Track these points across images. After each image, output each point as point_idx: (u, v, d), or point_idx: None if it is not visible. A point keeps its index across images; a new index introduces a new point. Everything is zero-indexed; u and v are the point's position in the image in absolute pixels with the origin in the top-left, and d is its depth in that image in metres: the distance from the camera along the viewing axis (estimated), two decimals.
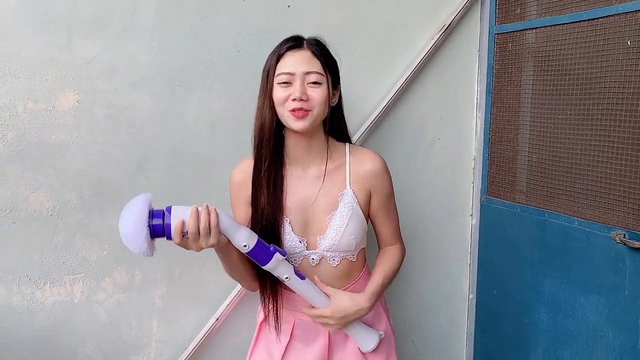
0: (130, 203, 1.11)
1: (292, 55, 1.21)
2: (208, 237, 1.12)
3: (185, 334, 1.65)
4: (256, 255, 1.18)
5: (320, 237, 1.28)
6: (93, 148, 1.49)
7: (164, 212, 1.11)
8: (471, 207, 1.97)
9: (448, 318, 2.02)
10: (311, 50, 1.22)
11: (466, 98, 1.91)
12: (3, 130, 1.41)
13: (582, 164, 1.55)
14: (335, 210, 1.28)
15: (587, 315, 1.55)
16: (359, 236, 1.30)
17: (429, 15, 1.80)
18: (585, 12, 1.51)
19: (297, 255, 1.28)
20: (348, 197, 1.28)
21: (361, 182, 1.30)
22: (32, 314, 1.50)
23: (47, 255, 1.49)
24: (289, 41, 1.24)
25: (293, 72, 1.20)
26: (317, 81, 1.21)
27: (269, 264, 1.19)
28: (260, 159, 1.26)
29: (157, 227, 1.10)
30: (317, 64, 1.21)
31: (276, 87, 1.22)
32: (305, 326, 1.33)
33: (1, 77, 1.39)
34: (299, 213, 1.28)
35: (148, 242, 1.09)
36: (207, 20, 1.56)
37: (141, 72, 1.51)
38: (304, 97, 1.19)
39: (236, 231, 1.16)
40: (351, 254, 1.31)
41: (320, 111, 1.22)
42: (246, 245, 1.16)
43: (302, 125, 1.20)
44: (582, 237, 1.54)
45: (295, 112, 1.19)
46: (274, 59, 1.23)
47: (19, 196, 1.44)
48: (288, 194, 1.28)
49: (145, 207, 1.10)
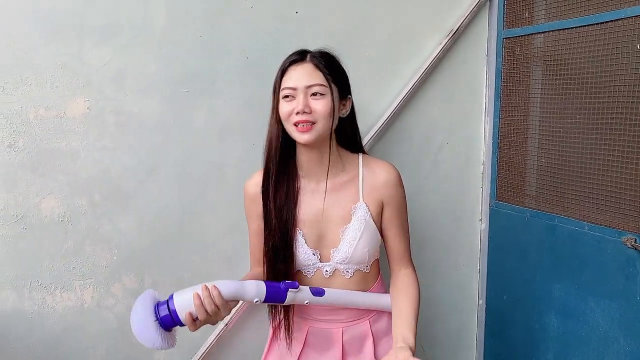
0: (134, 306, 1.12)
1: (294, 69, 1.23)
2: (219, 313, 1.13)
3: (194, 339, 1.65)
4: (271, 300, 1.19)
5: (333, 249, 1.28)
6: (103, 154, 1.50)
7: (168, 302, 1.11)
8: (480, 212, 1.97)
9: (457, 324, 2.01)
10: (313, 63, 1.23)
11: (474, 103, 1.90)
12: (15, 137, 1.42)
13: (593, 168, 1.54)
14: (348, 224, 1.27)
15: (598, 320, 1.53)
16: (372, 249, 1.29)
17: (437, 20, 1.80)
18: (594, 15, 1.50)
19: (310, 267, 1.29)
20: (361, 211, 1.27)
21: (374, 194, 1.29)
22: (42, 319, 1.51)
23: (58, 260, 1.50)
24: (293, 56, 1.25)
25: (295, 87, 1.21)
26: (320, 92, 1.21)
27: (286, 301, 1.20)
28: (268, 173, 1.27)
29: (166, 318, 1.10)
30: (320, 76, 1.21)
31: (281, 102, 1.23)
32: (319, 333, 1.33)
33: (13, 84, 1.41)
34: (312, 226, 1.28)
35: (162, 337, 1.09)
36: (215, 27, 1.57)
37: (150, 79, 1.52)
38: (307, 109, 1.19)
39: (243, 291, 1.16)
40: (364, 266, 1.31)
41: (325, 123, 1.21)
42: (258, 300, 1.17)
43: (306, 138, 1.20)
44: (593, 242, 1.53)
45: (298, 126, 1.20)
46: (278, 75, 1.25)
47: (30, 202, 1.45)
48: (301, 207, 1.28)
49: (149, 304, 1.11)
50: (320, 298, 1.24)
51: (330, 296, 1.25)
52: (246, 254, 1.44)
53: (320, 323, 1.32)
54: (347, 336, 1.33)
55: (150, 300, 1.12)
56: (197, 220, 1.61)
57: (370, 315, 1.35)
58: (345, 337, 1.32)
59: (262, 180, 1.28)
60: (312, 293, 1.23)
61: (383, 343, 1.36)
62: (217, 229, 1.64)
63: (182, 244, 1.61)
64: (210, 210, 1.63)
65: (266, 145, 1.28)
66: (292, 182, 1.28)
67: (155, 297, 1.14)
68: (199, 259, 1.63)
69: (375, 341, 1.34)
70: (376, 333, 1.35)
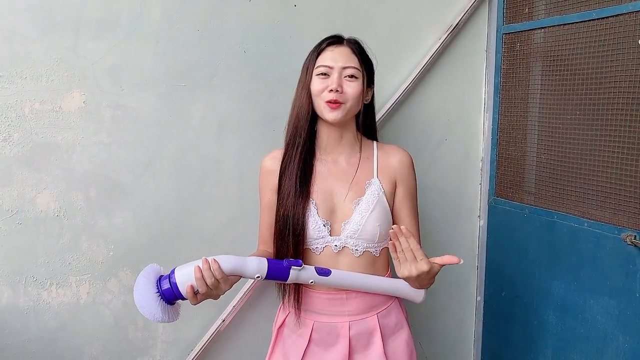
0: (137, 279, 1.14)
1: (332, 50, 1.29)
2: (219, 288, 1.15)
3: (191, 335, 1.64)
4: (273, 277, 1.19)
5: (344, 222, 1.29)
6: (99, 149, 1.49)
7: (170, 276, 1.13)
8: (479, 208, 1.96)
9: (456, 320, 2.01)
10: (350, 47, 1.30)
11: (473, 98, 1.89)
12: (10, 131, 1.41)
13: (592, 164, 1.53)
14: (361, 197, 1.30)
15: (597, 318, 1.53)
16: (383, 226, 1.30)
17: (436, 15, 1.79)
18: (595, 11, 1.49)
19: (319, 241, 1.28)
20: (375, 186, 1.31)
21: (388, 172, 1.35)
22: (38, 315, 1.50)
23: (53, 256, 1.49)
24: (330, 38, 1.31)
25: (332, 66, 1.27)
26: (354, 75, 1.27)
27: (289, 279, 1.20)
28: (292, 146, 1.31)
29: (168, 292, 1.11)
30: (355, 60, 1.28)
31: (314, 78, 1.28)
32: (324, 329, 1.32)
33: (8, 78, 1.39)
34: (325, 199, 1.31)
35: (164, 310, 1.11)
36: (213, 21, 1.55)
37: (147, 73, 1.51)
38: (340, 89, 1.25)
39: (244, 267, 1.16)
40: (374, 246, 1.31)
41: (354, 104, 1.28)
42: (259, 276, 1.17)
43: (335, 115, 1.26)
44: (592, 238, 1.52)
45: (330, 103, 1.25)
46: (314, 54, 1.31)
47: (25, 197, 1.44)
48: (316, 180, 1.32)
49: (152, 277, 1.13)
50: (326, 278, 1.23)
51: (336, 276, 1.24)
52: (244, 247, 1.43)
53: (326, 317, 1.31)
54: (354, 331, 1.31)
55: (153, 274, 1.14)
56: (194, 216, 1.60)
57: (378, 310, 1.33)
58: (352, 332, 1.31)
59: (284, 152, 1.33)
60: (318, 272, 1.22)
61: (392, 339, 1.34)
62: (214, 224, 1.63)
63: (179, 240, 1.60)
64: (208, 205, 1.62)
65: (292, 119, 1.33)
66: (311, 156, 1.33)
67: (159, 271, 1.16)
68: (196, 254, 1.60)
69: (384, 337, 1.32)
70: (384, 328, 1.33)
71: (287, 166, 1.31)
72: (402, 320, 1.38)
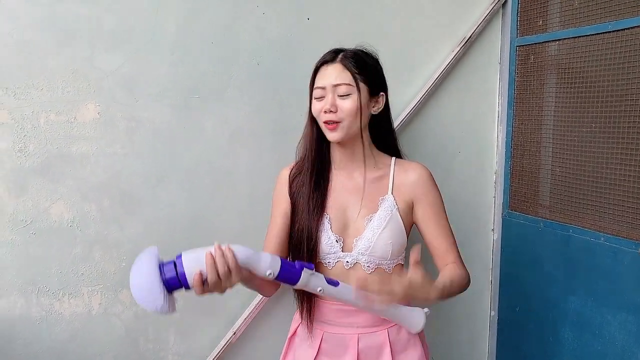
0: (136, 263, 1.04)
1: (324, 69, 1.28)
2: (230, 279, 1.06)
3: (202, 347, 1.63)
4: (284, 278, 1.13)
5: (356, 239, 1.28)
6: (113, 159, 1.50)
7: (175, 263, 1.03)
8: (493, 221, 1.94)
9: (469, 336, 1.98)
10: (342, 63, 1.27)
11: (487, 111, 1.88)
12: (25, 142, 1.42)
13: (608, 178, 1.51)
14: (374, 213, 1.29)
15: (614, 334, 1.50)
16: (396, 244, 1.28)
17: (450, 27, 1.79)
18: (610, 23, 1.48)
19: (332, 256, 1.28)
20: (388, 202, 1.30)
21: (403, 191, 1.32)
22: (50, 326, 1.50)
23: (66, 266, 1.49)
24: (326, 55, 1.31)
25: (324, 86, 1.26)
26: (346, 92, 1.25)
27: (299, 282, 1.14)
28: (305, 162, 1.34)
29: (172, 280, 1.01)
30: (347, 76, 1.25)
31: (314, 101, 1.30)
32: (333, 340, 1.31)
33: (24, 89, 1.41)
34: (339, 214, 1.30)
35: (165, 299, 1.00)
36: (226, 33, 1.56)
37: (161, 85, 1.52)
38: (333, 108, 1.24)
39: (258, 261, 1.09)
40: (387, 263, 1.29)
41: (352, 121, 1.26)
42: (271, 273, 1.10)
43: (334, 136, 1.26)
44: (609, 253, 1.49)
45: (327, 124, 1.26)
46: (312, 74, 1.31)
47: (39, 207, 1.45)
48: (331, 195, 1.32)
49: (154, 262, 1.02)
50: (334, 288, 1.18)
51: (342, 290, 1.19)
52: None
53: (335, 327, 1.30)
54: (363, 344, 1.29)
55: (155, 260, 1.02)
56: (206, 226, 1.60)
57: (389, 325, 1.31)
58: (361, 345, 1.29)
59: (298, 168, 1.35)
60: (327, 281, 1.17)
61: (403, 356, 1.31)
62: (226, 235, 1.62)
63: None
64: (219, 215, 1.62)
65: (302, 140, 1.36)
66: (325, 173, 1.34)
67: (158, 256, 1.05)
68: None
69: (394, 353, 1.30)
70: (395, 344, 1.31)
71: (301, 181, 1.32)
72: (414, 337, 1.35)
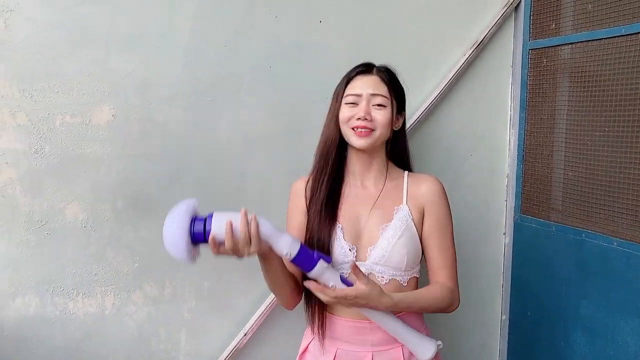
0: (174, 208, 1.13)
1: (360, 79, 1.30)
2: (248, 246, 1.12)
3: (213, 348, 1.64)
4: (300, 262, 1.16)
5: (371, 248, 1.27)
6: (127, 161, 1.52)
7: (206, 219, 1.12)
8: (504, 225, 1.93)
9: (480, 340, 1.97)
10: (379, 76, 1.31)
11: (499, 114, 1.88)
12: (41, 144, 1.44)
13: (622, 182, 1.50)
14: (389, 222, 1.28)
15: (627, 340, 1.49)
16: (411, 254, 1.28)
17: (462, 31, 1.79)
18: (624, 26, 1.47)
19: (345, 265, 1.26)
20: (403, 212, 1.30)
21: (417, 201, 1.32)
22: (64, 325, 1.52)
23: (80, 266, 1.51)
24: (360, 67, 1.33)
25: (360, 94, 1.28)
26: (382, 104, 1.28)
27: (313, 270, 1.16)
28: (320, 170, 1.33)
29: (198, 234, 1.11)
30: (384, 89, 1.29)
31: (343, 107, 1.30)
32: (347, 357, 1.29)
33: (41, 92, 1.43)
34: (352, 223, 1.30)
35: (188, 249, 1.10)
36: (239, 36, 1.58)
37: (175, 87, 1.54)
38: (368, 116, 1.26)
39: (278, 238, 1.14)
40: (401, 275, 1.28)
41: (383, 132, 1.28)
42: (288, 253, 1.14)
43: (363, 142, 1.27)
44: (622, 258, 1.48)
45: (357, 130, 1.26)
46: (343, 82, 1.32)
47: (54, 208, 1.47)
48: (344, 204, 1.32)
49: (188, 213, 1.11)
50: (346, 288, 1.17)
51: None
52: None
53: (349, 345, 1.28)
54: None
55: (188, 211, 1.12)
56: None
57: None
58: None
59: (313, 177, 1.35)
60: (342, 280, 1.18)
61: None
62: None
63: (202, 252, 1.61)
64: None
65: (321, 146, 1.35)
66: (340, 181, 1.34)
67: (196, 208, 1.14)
68: (220, 267, 1.63)
69: None
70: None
71: (315, 191, 1.32)
72: None
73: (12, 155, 1.43)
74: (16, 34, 1.40)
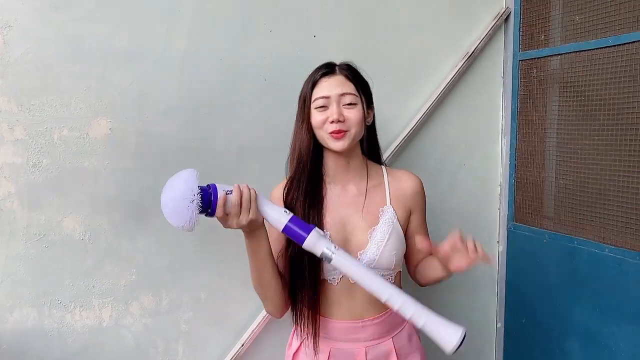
0: (176, 175, 1.16)
1: (326, 80, 1.28)
2: (247, 212, 1.15)
3: (210, 359, 1.65)
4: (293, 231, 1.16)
5: (360, 252, 1.28)
6: (124, 174, 1.53)
7: (209, 187, 1.15)
8: (498, 233, 1.95)
9: (475, 347, 1.98)
10: (343, 74, 1.29)
11: (491, 124, 1.91)
12: (39, 157, 1.46)
13: (612, 189, 1.53)
14: (376, 226, 1.29)
15: (620, 345, 1.50)
16: (399, 253, 1.30)
17: (453, 42, 1.82)
18: (611, 37, 1.50)
19: (336, 272, 1.28)
20: (389, 213, 1.31)
21: (401, 201, 1.34)
22: (62, 338, 1.52)
23: (78, 279, 1.52)
24: (322, 68, 1.30)
25: (328, 95, 1.26)
26: (352, 102, 1.27)
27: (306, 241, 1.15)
28: (297, 178, 1.31)
29: (204, 199, 1.13)
30: (351, 86, 1.28)
31: (314, 111, 1.28)
32: (342, 354, 1.31)
33: (39, 106, 1.44)
34: (338, 230, 1.29)
35: (192, 214, 1.12)
36: (235, 50, 1.60)
37: (171, 101, 1.55)
38: (341, 117, 1.25)
39: (272, 207, 1.18)
40: (390, 274, 1.30)
41: (357, 130, 1.27)
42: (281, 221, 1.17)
43: (341, 145, 1.25)
44: (614, 264, 1.51)
45: (334, 134, 1.24)
46: (309, 86, 1.29)
47: (52, 221, 1.48)
48: (327, 211, 1.30)
49: (194, 180, 1.13)
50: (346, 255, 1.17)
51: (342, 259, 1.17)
52: None
53: (342, 343, 1.31)
54: (371, 355, 1.31)
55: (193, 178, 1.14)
56: (215, 241, 1.62)
57: (393, 333, 1.33)
58: (369, 357, 1.30)
59: (289, 187, 1.32)
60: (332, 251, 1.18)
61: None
62: (234, 249, 1.64)
63: (199, 264, 1.62)
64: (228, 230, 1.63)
65: (294, 154, 1.33)
66: (319, 187, 1.32)
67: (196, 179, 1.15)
68: (216, 279, 1.64)
69: (399, 357, 1.33)
70: (399, 350, 1.33)
71: (294, 199, 1.30)
72: (416, 342, 1.38)
73: (10, 169, 1.44)
74: (14, 49, 1.42)
